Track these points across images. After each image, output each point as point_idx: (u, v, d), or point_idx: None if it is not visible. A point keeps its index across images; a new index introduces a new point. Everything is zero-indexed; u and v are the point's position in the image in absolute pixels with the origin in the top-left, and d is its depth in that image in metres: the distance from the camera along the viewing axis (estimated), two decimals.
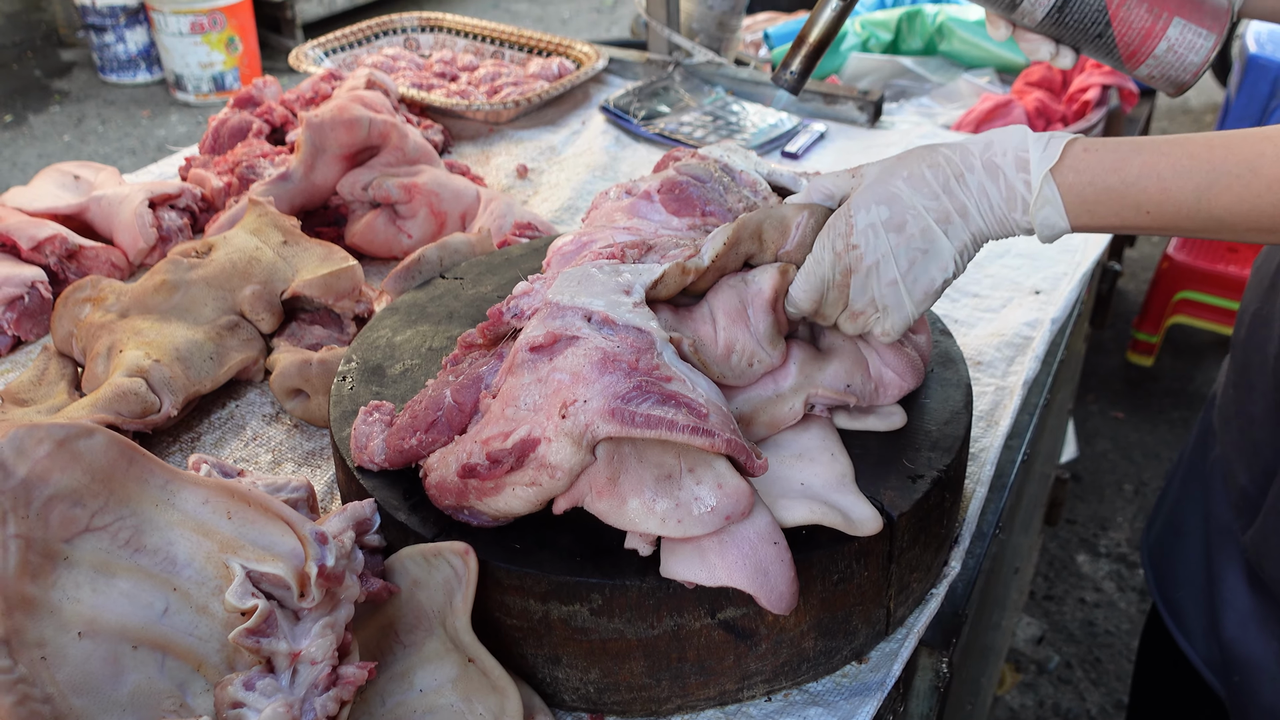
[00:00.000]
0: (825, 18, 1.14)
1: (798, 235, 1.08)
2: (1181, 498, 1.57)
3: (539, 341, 0.98)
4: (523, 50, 2.48)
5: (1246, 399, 1.35)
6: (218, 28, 5.70)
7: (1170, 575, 1.55)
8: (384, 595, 0.98)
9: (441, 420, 1.04)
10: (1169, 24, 1.05)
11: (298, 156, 1.74)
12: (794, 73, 1.17)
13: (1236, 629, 1.39)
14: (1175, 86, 1.10)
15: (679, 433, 0.91)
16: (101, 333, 1.41)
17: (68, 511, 0.88)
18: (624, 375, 0.95)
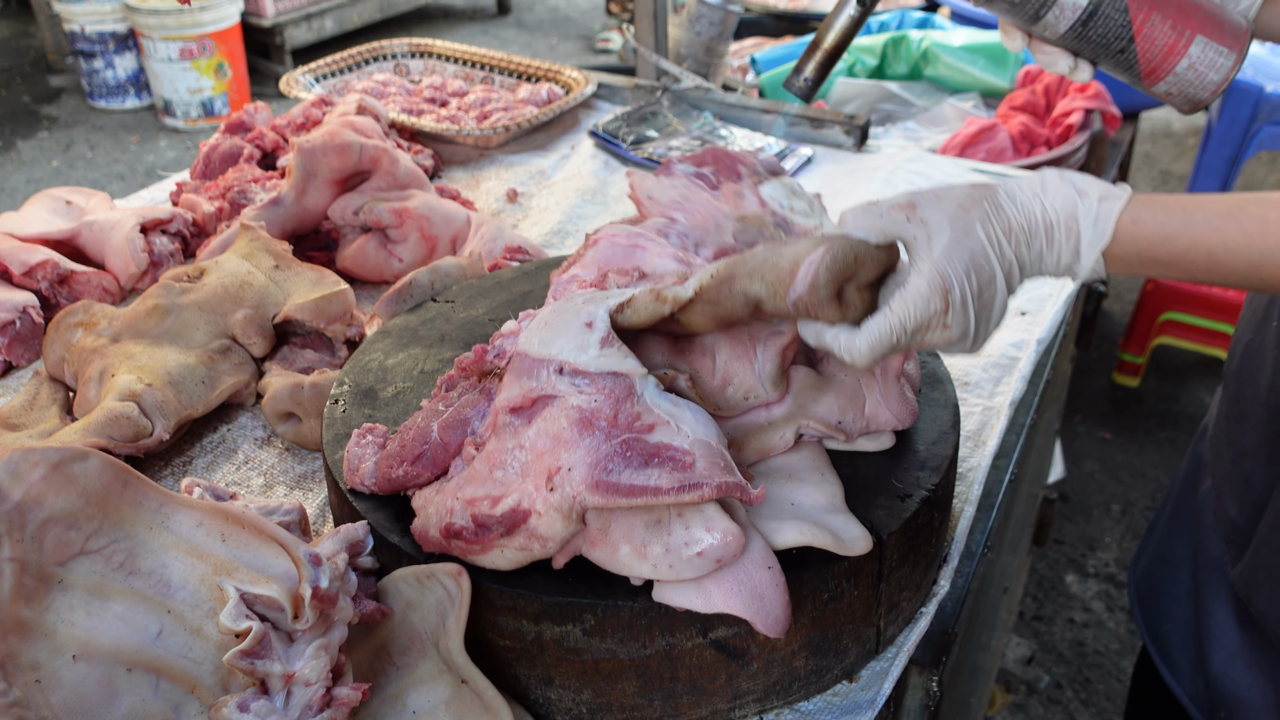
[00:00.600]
0: (841, 24, 1.14)
1: (809, 276, 0.93)
2: (1171, 530, 1.56)
3: (516, 403, 0.98)
4: (512, 76, 2.50)
5: (1239, 431, 1.34)
6: (207, 54, 5.71)
7: (1158, 609, 1.54)
8: (377, 617, 0.98)
9: (427, 455, 1.04)
10: (1191, 41, 1.05)
11: (289, 181, 1.75)
12: (807, 79, 1.16)
13: (1224, 664, 1.37)
14: (1191, 104, 1.10)
15: (664, 496, 0.90)
16: (93, 357, 1.41)
17: (62, 535, 0.88)
18: (604, 437, 0.93)
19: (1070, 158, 2.41)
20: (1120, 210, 0.94)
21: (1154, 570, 1.58)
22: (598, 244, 1.19)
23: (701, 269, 1.01)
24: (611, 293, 1.03)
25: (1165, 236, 0.93)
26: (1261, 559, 1.28)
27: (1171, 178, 5.56)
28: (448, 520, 0.98)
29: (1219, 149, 3.96)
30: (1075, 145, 2.41)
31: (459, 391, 1.09)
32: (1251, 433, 1.31)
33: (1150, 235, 0.94)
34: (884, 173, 2.09)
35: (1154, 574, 1.57)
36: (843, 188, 2.08)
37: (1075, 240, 0.95)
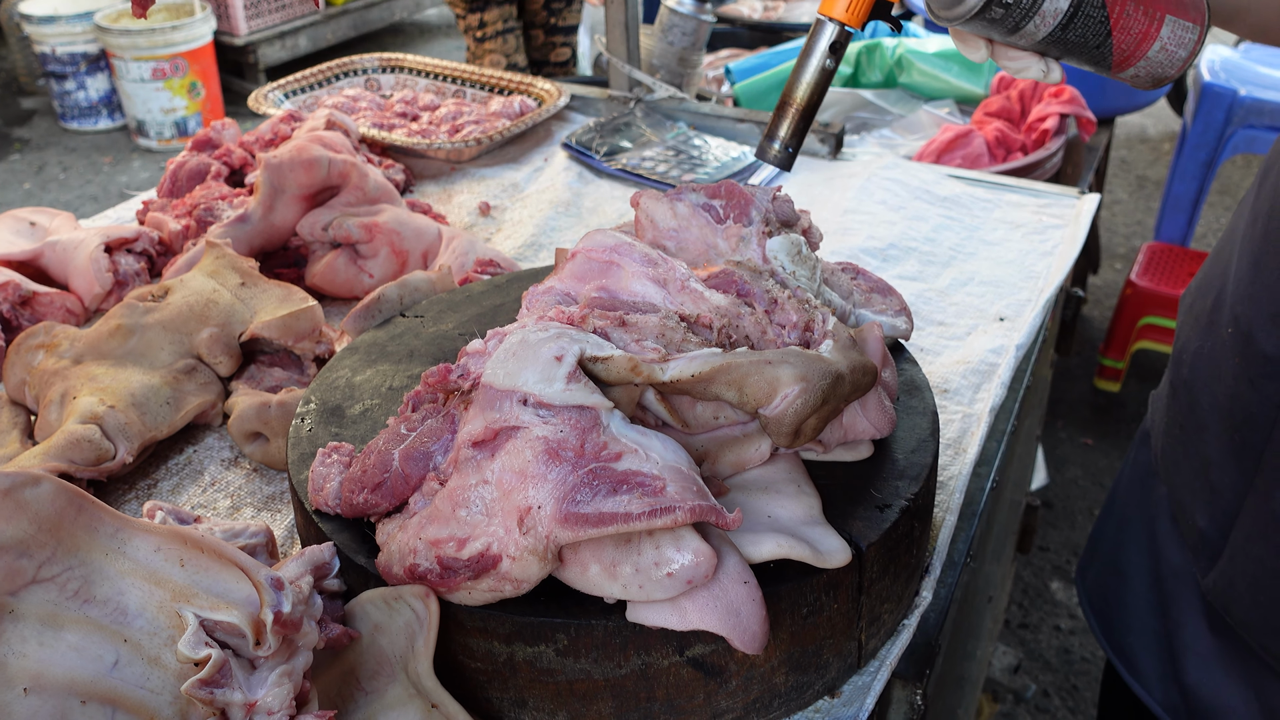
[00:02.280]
0: (811, 78, 1.05)
1: (782, 405, 0.97)
2: (1121, 541, 1.53)
3: (479, 436, 0.95)
4: (484, 89, 2.48)
5: (1197, 440, 1.32)
6: (180, 73, 5.68)
7: (1118, 620, 1.51)
8: (344, 641, 0.95)
9: (387, 484, 1.01)
10: (1162, 24, 1.03)
11: (256, 198, 1.72)
12: (785, 146, 1.06)
13: (1199, 674, 1.36)
14: (1157, 83, 1.08)
15: (636, 521, 0.88)
16: (55, 379, 1.38)
17: (13, 563, 0.85)
18: (571, 467, 0.91)
19: (1046, 163, 2.40)
20: None
21: (1107, 581, 1.55)
22: (575, 258, 1.17)
23: (682, 359, 0.99)
24: (589, 337, 1.00)
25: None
26: (1239, 569, 1.26)
27: (1148, 183, 5.59)
28: (411, 561, 0.95)
29: (1194, 153, 3.98)
30: (1051, 150, 2.41)
31: (422, 414, 1.05)
32: (1214, 442, 1.29)
33: None
34: (860, 180, 2.08)
35: (1108, 585, 1.55)
36: (819, 196, 2.06)
37: None
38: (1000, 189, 2.09)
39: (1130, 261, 4.75)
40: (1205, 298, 1.35)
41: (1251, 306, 1.22)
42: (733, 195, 1.20)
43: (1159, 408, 1.45)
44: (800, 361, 0.98)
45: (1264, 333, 1.20)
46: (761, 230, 1.18)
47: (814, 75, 1.04)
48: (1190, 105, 4.02)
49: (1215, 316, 1.30)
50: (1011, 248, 1.88)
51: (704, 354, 0.99)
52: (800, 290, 1.15)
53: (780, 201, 1.23)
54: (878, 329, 1.14)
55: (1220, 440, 1.27)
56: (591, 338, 1.00)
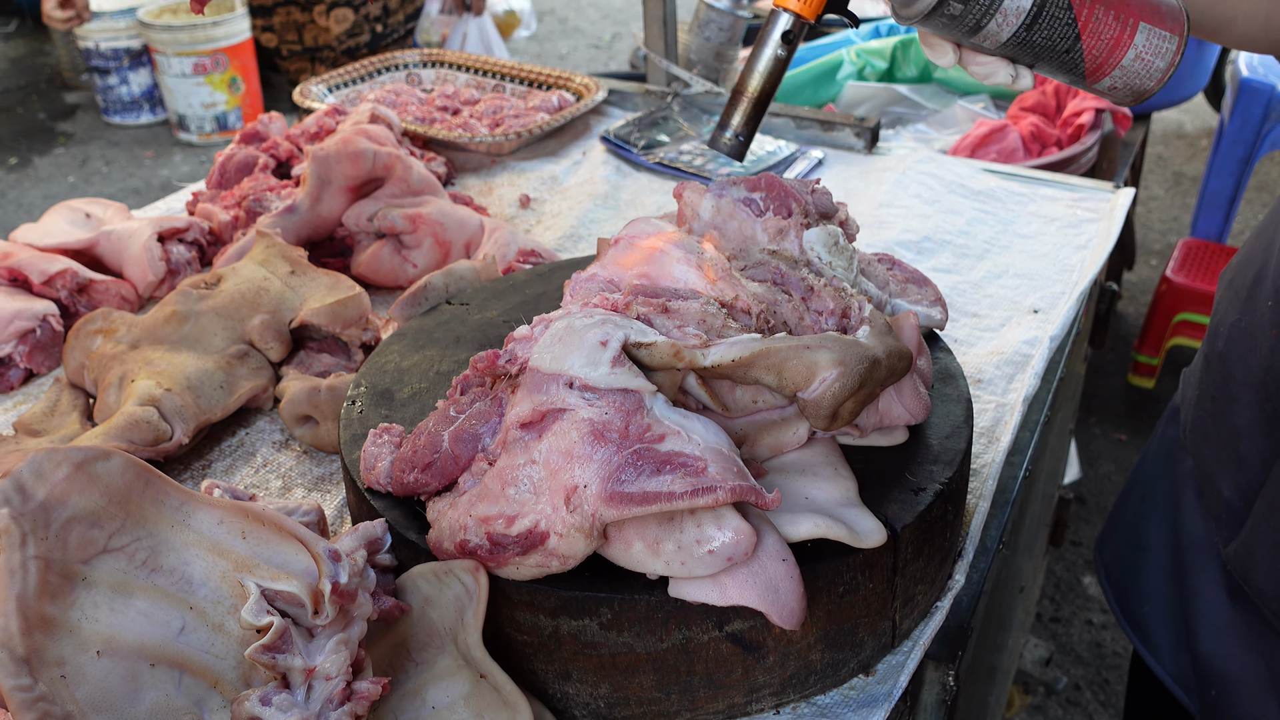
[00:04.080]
0: (764, 67, 1.04)
1: (820, 389, 0.98)
2: (1143, 513, 1.55)
3: (527, 418, 0.98)
4: (523, 84, 2.52)
5: (1228, 411, 1.35)
6: (220, 68, 5.76)
7: (1134, 591, 1.54)
8: (396, 613, 0.99)
9: (437, 465, 1.04)
10: (1136, 30, 1.01)
11: (304, 189, 1.77)
12: (736, 134, 1.05)
13: (1213, 643, 1.38)
14: (1137, 96, 1.06)
15: (679, 500, 0.91)
16: (113, 363, 1.43)
17: (86, 533, 0.90)
18: (616, 448, 0.94)
19: (1081, 158, 2.41)
20: None
21: (1126, 553, 1.59)
22: (618, 244, 1.20)
23: (723, 344, 1.01)
24: (633, 323, 1.03)
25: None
26: (1259, 536, 1.29)
27: (1184, 179, 5.55)
28: (461, 537, 0.98)
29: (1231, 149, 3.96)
30: (1086, 145, 2.41)
31: (471, 398, 1.09)
32: (1245, 413, 1.31)
33: None
34: (895, 174, 2.10)
35: (1126, 557, 1.58)
36: (855, 189, 2.08)
37: None
38: (1035, 183, 2.11)
39: (1166, 258, 4.72)
40: (1246, 273, 1.37)
41: None
42: (773, 188, 1.23)
43: (1191, 382, 1.48)
44: (837, 346, 1.01)
45: None
46: (800, 222, 1.21)
47: (767, 65, 1.03)
48: (1228, 101, 4.00)
49: (1255, 291, 1.32)
50: (1046, 241, 1.90)
51: (744, 339, 1.02)
52: (836, 279, 1.17)
53: (819, 194, 1.26)
54: (913, 317, 1.17)
55: (1251, 411, 1.30)
56: (635, 324, 1.03)
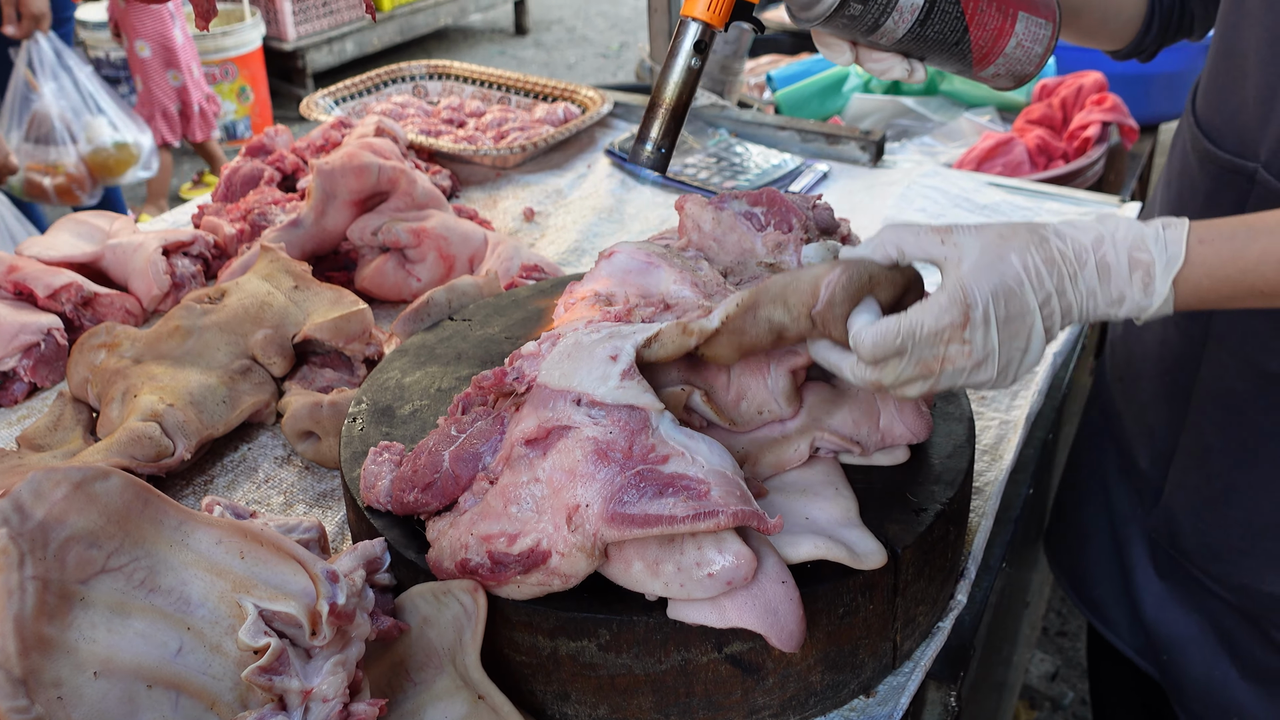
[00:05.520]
0: (677, 78, 1.03)
1: (827, 294, 0.96)
2: (1079, 500, 1.62)
3: (532, 435, 0.98)
4: (528, 96, 2.52)
5: (1135, 389, 1.43)
6: (230, 78, 5.78)
7: (1084, 576, 1.60)
8: (394, 633, 0.99)
9: (437, 485, 1.04)
10: (1016, 20, 1.07)
11: (309, 203, 1.77)
12: (658, 147, 1.04)
13: (1156, 611, 1.45)
14: (1018, 81, 1.12)
15: (680, 524, 0.90)
16: (116, 378, 1.43)
17: (84, 553, 0.90)
18: (619, 468, 0.94)
19: (1087, 171, 2.40)
20: (1187, 232, 0.93)
21: (1071, 541, 1.65)
22: (613, 257, 1.20)
23: (724, 302, 1.01)
24: (638, 327, 1.03)
25: (1232, 252, 0.93)
26: (1177, 501, 1.37)
27: None
28: (463, 556, 0.98)
29: None
30: (1092, 158, 2.41)
31: (472, 416, 1.09)
32: (1149, 387, 1.40)
33: (1220, 252, 0.93)
34: (900, 188, 2.09)
35: (1073, 545, 1.64)
36: (860, 203, 2.08)
37: (1146, 269, 0.93)
38: (1041, 197, 2.10)
39: None
40: None
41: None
42: (774, 203, 1.23)
43: (1104, 369, 1.57)
44: (834, 261, 0.99)
45: None
46: (800, 237, 1.21)
47: (680, 75, 1.03)
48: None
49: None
50: None
51: (740, 291, 1.01)
52: None
53: (820, 209, 1.26)
54: None
55: (1154, 384, 1.38)
56: (640, 326, 1.04)
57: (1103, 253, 0.94)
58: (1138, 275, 0.94)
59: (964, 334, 0.93)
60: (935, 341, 0.93)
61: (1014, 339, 0.94)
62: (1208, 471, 1.32)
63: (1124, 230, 0.94)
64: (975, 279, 0.93)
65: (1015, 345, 0.95)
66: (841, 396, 1.12)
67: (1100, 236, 0.94)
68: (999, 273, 0.93)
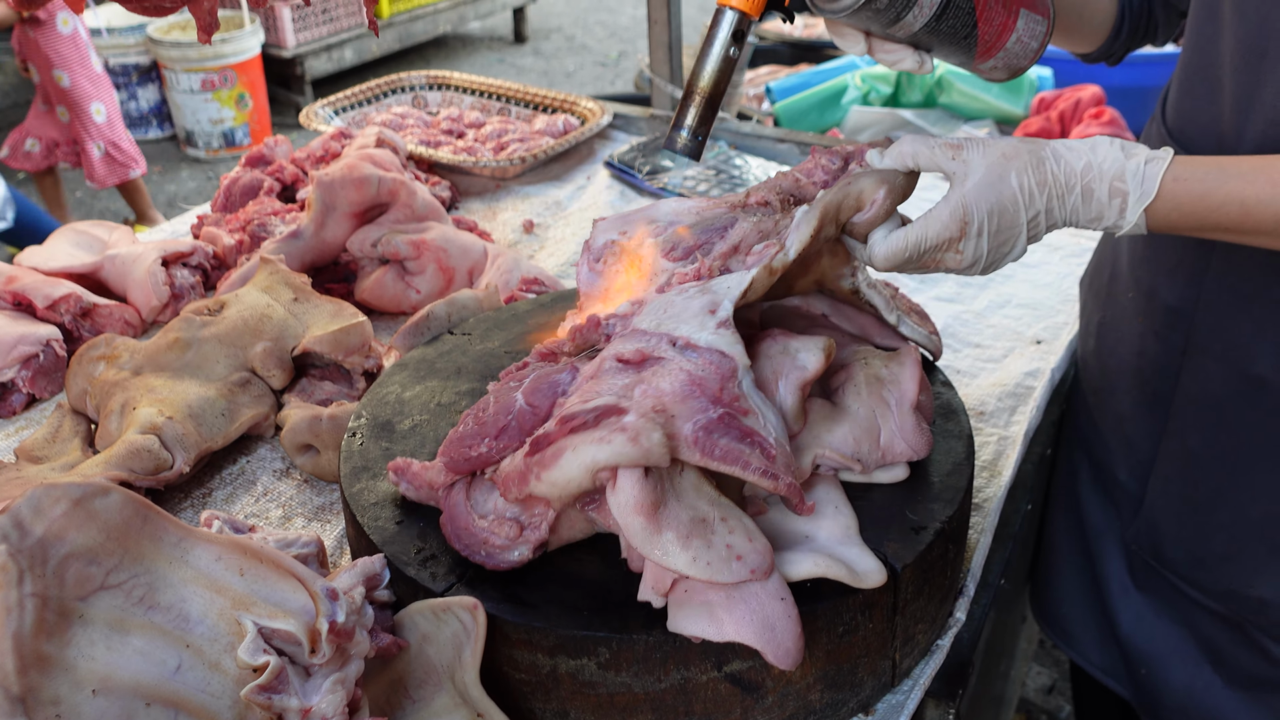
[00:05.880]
0: (714, 66, 1.05)
1: (872, 210, 1.10)
2: (1046, 518, 1.64)
3: (627, 357, 1.02)
4: (528, 107, 2.52)
5: (1110, 401, 1.44)
6: (228, 85, 5.79)
7: (1050, 593, 1.61)
8: (393, 650, 0.99)
9: (513, 425, 1.04)
10: (1018, 16, 1.12)
11: (308, 214, 1.77)
12: (693, 134, 1.07)
13: (1133, 625, 1.46)
14: (1011, 73, 1.18)
15: (751, 472, 0.96)
16: (115, 390, 1.43)
17: (83, 569, 0.89)
18: (709, 403, 0.98)
19: None
20: (1164, 169, 1.02)
21: (1038, 557, 1.66)
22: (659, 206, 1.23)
23: (791, 234, 1.09)
24: (730, 280, 1.08)
25: (1203, 191, 1.02)
26: (1160, 511, 1.39)
27: None
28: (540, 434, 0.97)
29: None
30: None
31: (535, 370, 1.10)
32: (1126, 399, 1.42)
33: (1190, 190, 1.02)
34: None
35: (1038, 560, 1.66)
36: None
37: (1122, 198, 1.03)
38: None
39: None
40: (1101, 274, 1.50)
41: (1149, 267, 1.35)
42: None
43: (1075, 387, 1.58)
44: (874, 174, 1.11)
45: (1165, 287, 1.33)
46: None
47: (717, 63, 1.05)
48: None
49: (1114, 287, 1.44)
50: (1049, 270, 1.89)
51: (803, 214, 1.09)
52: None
53: None
54: (915, 352, 1.17)
55: (1132, 395, 1.40)
56: (730, 280, 1.08)
57: (1089, 179, 1.05)
58: (1115, 202, 1.04)
59: (959, 245, 1.07)
60: (935, 250, 1.08)
61: (1001, 246, 1.08)
62: (1192, 478, 1.33)
63: (1110, 161, 1.04)
64: (975, 197, 1.05)
65: (1001, 250, 1.09)
66: (842, 415, 1.12)
67: (1089, 164, 1.05)
68: (998, 192, 1.05)
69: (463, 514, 1.03)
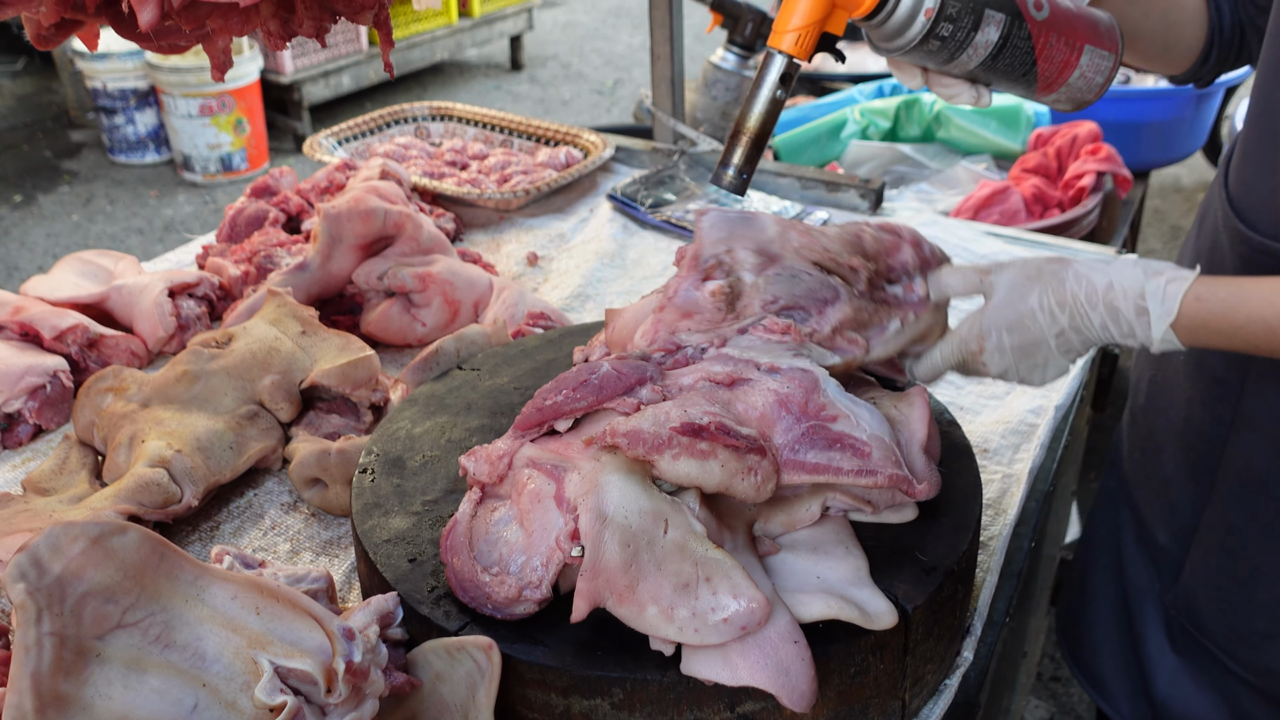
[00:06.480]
0: (762, 107, 1.10)
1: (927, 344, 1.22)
2: (1088, 564, 1.62)
3: (719, 378, 1.07)
4: (531, 139, 2.54)
5: (1156, 461, 1.43)
6: (226, 110, 5.80)
7: (1086, 643, 1.59)
8: (407, 689, 0.99)
9: (594, 382, 1.07)
10: (1082, 53, 1.13)
11: (315, 246, 1.78)
12: (740, 172, 1.11)
13: (1168, 687, 1.44)
14: (1076, 105, 1.19)
15: (844, 476, 1.03)
16: (123, 422, 1.43)
17: (100, 608, 0.90)
18: (795, 420, 1.05)
19: (1083, 220, 2.43)
20: (1185, 289, 1.05)
21: (1076, 605, 1.64)
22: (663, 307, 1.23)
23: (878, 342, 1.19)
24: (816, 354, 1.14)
25: (1225, 311, 1.04)
26: (1200, 581, 1.37)
27: (1181, 232, 5.59)
28: (685, 419, 1.00)
29: None
30: (1088, 208, 2.44)
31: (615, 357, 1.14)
32: (1170, 462, 1.41)
33: (1212, 309, 1.05)
34: None
35: (1076, 609, 1.64)
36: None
37: (1145, 316, 1.07)
38: (1037, 247, 2.12)
39: None
40: None
41: None
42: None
43: (1122, 436, 1.57)
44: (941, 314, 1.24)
45: (1214, 357, 1.32)
46: None
47: (765, 105, 1.10)
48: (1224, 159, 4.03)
49: None
50: None
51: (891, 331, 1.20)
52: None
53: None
54: (924, 393, 1.18)
55: (1177, 460, 1.39)
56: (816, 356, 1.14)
57: (1112, 297, 1.09)
58: (1142, 320, 1.08)
59: (981, 359, 1.16)
60: (962, 364, 1.19)
61: (1028, 359, 1.15)
62: (1233, 552, 1.31)
63: (1132, 280, 1.08)
64: (993, 315, 1.14)
65: (1031, 363, 1.15)
66: None
67: (1111, 283, 1.09)
68: (1016, 310, 1.13)
69: (468, 567, 1.03)
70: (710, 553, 0.97)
